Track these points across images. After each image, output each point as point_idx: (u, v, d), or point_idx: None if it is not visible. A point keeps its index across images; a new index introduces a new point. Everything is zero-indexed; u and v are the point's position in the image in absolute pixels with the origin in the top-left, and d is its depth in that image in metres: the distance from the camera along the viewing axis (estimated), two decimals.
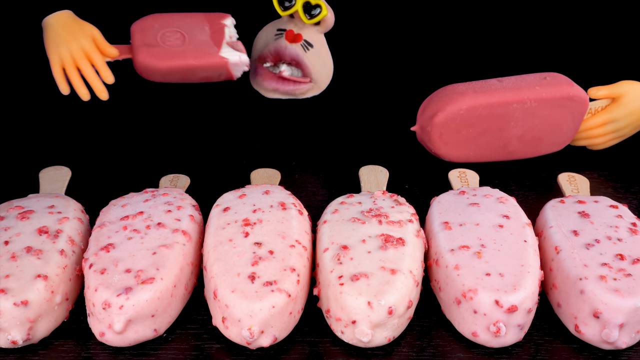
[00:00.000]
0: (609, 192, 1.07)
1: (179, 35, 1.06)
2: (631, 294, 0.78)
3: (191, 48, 1.05)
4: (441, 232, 0.87)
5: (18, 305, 0.78)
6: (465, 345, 0.82)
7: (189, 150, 1.18)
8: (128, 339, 0.80)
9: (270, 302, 0.77)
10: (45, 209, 0.90)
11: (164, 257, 0.82)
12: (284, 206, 0.90)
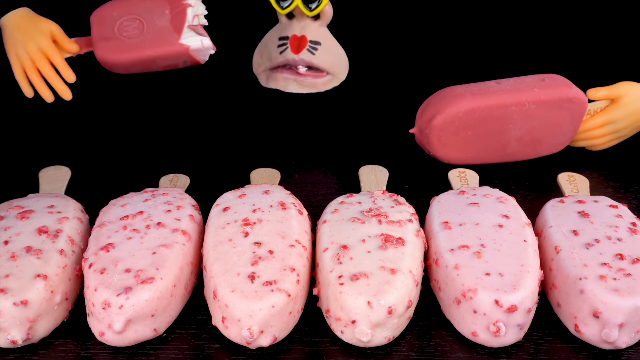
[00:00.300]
0: (609, 192, 1.07)
1: (138, 24, 1.01)
2: (631, 294, 0.78)
3: (150, 37, 1.00)
4: (441, 232, 0.87)
5: (18, 305, 0.78)
6: (465, 345, 0.82)
7: (189, 150, 1.18)
8: (128, 339, 0.80)
9: (270, 302, 0.77)
10: (45, 209, 0.90)
11: (164, 257, 0.82)
12: (284, 206, 0.90)
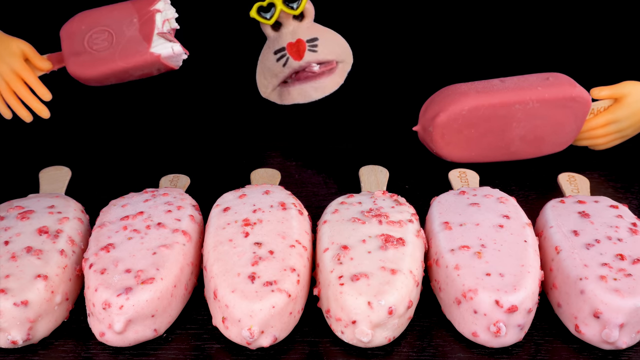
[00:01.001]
0: (609, 192, 1.07)
1: (107, 35, 1.00)
2: (631, 294, 0.78)
3: (119, 49, 0.99)
4: (441, 232, 0.87)
5: (18, 305, 0.78)
6: (465, 345, 0.82)
7: (189, 150, 1.18)
8: (128, 339, 0.80)
9: (270, 302, 0.77)
10: (45, 209, 0.90)
11: (164, 257, 0.82)
12: (284, 206, 0.90)
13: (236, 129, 1.24)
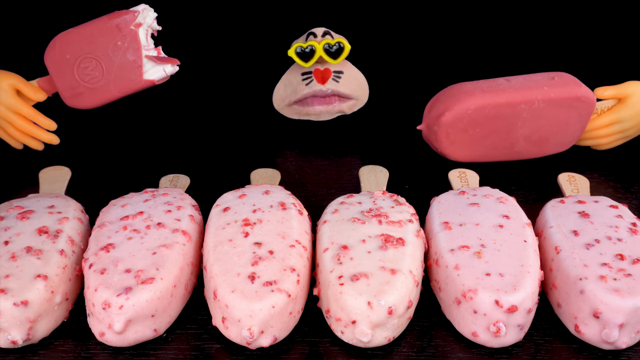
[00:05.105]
0: (609, 192, 1.07)
1: (95, 64, 1.00)
2: (631, 294, 0.78)
3: (112, 78, 1.01)
4: (441, 232, 0.87)
5: (18, 305, 0.78)
6: (465, 345, 0.82)
7: (189, 150, 1.18)
8: (128, 339, 0.80)
9: (270, 302, 0.77)
10: (45, 209, 0.90)
11: (164, 257, 0.82)
12: (284, 206, 0.90)
13: (236, 129, 1.24)
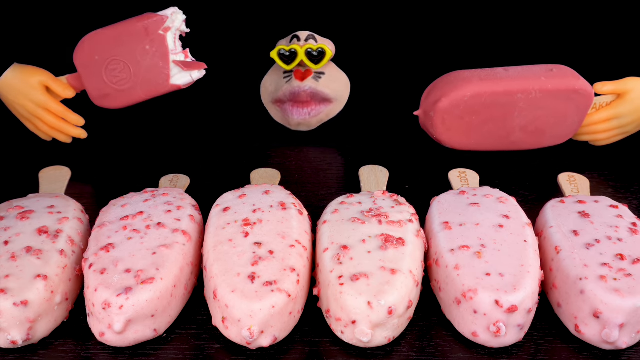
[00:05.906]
0: (609, 192, 1.07)
1: (123, 66, 1.02)
2: (631, 294, 0.78)
3: (139, 81, 1.03)
4: (441, 232, 0.87)
5: (18, 305, 0.78)
6: (465, 345, 0.82)
7: (189, 150, 1.18)
8: (128, 339, 0.80)
9: (270, 302, 0.77)
10: (45, 209, 0.90)
11: (164, 257, 0.82)
12: (284, 206, 0.90)
13: (236, 129, 1.24)
